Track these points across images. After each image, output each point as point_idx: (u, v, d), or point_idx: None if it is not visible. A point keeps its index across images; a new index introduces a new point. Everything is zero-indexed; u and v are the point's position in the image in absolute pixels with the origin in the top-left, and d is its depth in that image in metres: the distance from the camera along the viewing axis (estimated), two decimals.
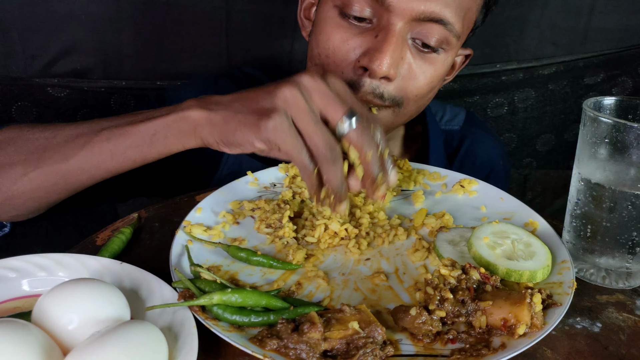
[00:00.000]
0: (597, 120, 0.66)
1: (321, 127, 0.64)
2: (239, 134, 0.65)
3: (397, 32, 0.80)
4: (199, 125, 0.68)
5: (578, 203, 0.70)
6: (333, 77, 0.67)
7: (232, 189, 0.83)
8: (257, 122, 0.63)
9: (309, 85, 0.64)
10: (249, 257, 0.68)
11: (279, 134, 0.62)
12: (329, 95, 0.65)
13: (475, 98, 1.53)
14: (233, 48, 1.27)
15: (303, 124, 0.63)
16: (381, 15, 0.81)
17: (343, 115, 0.64)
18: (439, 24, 0.82)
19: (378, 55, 0.80)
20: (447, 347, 0.56)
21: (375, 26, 0.83)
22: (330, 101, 0.64)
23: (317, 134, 0.63)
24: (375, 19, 0.82)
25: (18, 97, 1.17)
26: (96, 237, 0.74)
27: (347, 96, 0.66)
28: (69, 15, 1.13)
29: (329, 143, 0.63)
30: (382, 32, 0.81)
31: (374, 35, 0.82)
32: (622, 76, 1.59)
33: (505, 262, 0.65)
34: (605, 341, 0.60)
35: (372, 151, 0.65)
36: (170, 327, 0.54)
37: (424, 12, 0.80)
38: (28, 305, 0.57)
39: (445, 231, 0.73)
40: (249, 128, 0.64)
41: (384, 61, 0.80)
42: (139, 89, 1.24)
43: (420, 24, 0.81)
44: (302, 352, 0.52)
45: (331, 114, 0.64)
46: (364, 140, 0.65)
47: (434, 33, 0.82)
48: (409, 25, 0.81)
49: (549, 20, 1.47)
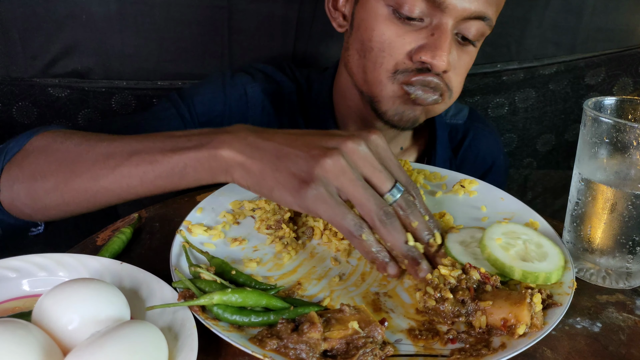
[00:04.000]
0: (597, 121, 0.66)
1: (372, 193, 0.63)
2: (277, 194, 0.63)
3: (450, 30, 0.87)
4: (231, 167, 0.66)
5: (578, 203, 0.70)
6: (377, 138, 0.66)
7: (233, 189, 0.83)
8: (297, 189, 0.61)
9: (354, 152, 0.63)
10: (237, 275, 0.65)
11: (319, 204, 0.61)
12: (375, 166, 0.64)
13: (476, 98, 1.53)
14: (235, 48, 1.27)
15: (351, 193, 0.62)
16: (434, 14, 0.87)
17: (391, 188, 0.64)
18: (480, 20, 0.88)
19: (439, 52, 0.86)
20: (447, 347, 0.56)
21: (427, 24, 0.88)
22: (376, 172, 0.64)
23: (370, 199, 0.62)
24: (428, 19, 0.88)
25: (19, 97, 1.17)
26: (96, 237, 0.74)
27: (390, 162, 0.66)
28: (70, 16, 1.13)
29: (382, 207, 0.62)
30: (437, 30, 0.87)
31: (429, 33, 0.87)
32: (622, 76, 1.59)
33: (521, 264, 0.64)
34: (605, 341, 0.60)
35: (419, 221, 0.66)
36: (170, 327, 0.54)
37: (474, 12, 0.86)
38: (28, 305, 0.57)
39: (456, 232, 0.72)
40: (288, 192, 0.62)
41: (443, 57, 0.86)
42: (140, 89, 1.24)
43: (466, 21, 0.88)
44: (302, 352, 0.52)
45: (377, 185, 0.64)
46: (409, 212, 0.65)
47: (475, 28, 0.89)
48: (457, 22, 0.88)
49: (550, 20, 1.47)
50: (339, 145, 0.63)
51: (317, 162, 0.61)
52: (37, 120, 1.19)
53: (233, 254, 0.70)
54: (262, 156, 0.65)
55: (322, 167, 0.61)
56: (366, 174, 0.64)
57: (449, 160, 1.14)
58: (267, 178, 0.64)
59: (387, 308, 0.62)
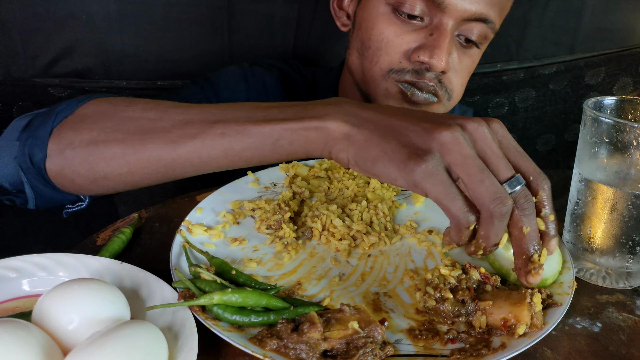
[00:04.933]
0: (597, 120, 0.66)
1: (489, 175, 0.54)
2: (381, 166, 0.57)
3: (450, 30, 0.86)
4: (333, 140, 0.60)
5: (578, 203, 0.70)
6: (499, 125, 0.59)
7: (233, 189, 0.83)
8: (406, 162, 0.55)
9: (474, 131, 0.56)
10: (237, 275, 0.65)
11: (430, 180, 0.54)
12: (495, 150, 0.56)
13: (476, 98, 1.53)
14: (235, 48, 1.27)
15: (465, 170, 0.54)
16: (434, 14, 0.87)
17: (510, 178, 0.56)
18: (483, 22, 0.88)
19: (437, 52, 0.85)
20: (447, 347, 0.56)
21: (427, 24, 0.88)
22: (495, 156, 0.56)
23: (485, 182, 0.54)
24: (428, 18, 0.88)
25: (19, 98, 1.17)
26: (96, 237, 0.74)
27: (514, 150, 0.59)
28: (70, 16, 1.13)
29: (500, 195, 0.54)
30: (436, 30, 0.86)
31: (428, 33, 0.87)
32: (622, 76, 1.59)
33: None
34: (605, 341, 0.60)
35: (532, 228, 0.57)
36: (170, 327, 0.54)
37: (475, 13, 0.86)
38: (28, 305, 0.57)
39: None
40: (394, 165, 0.56)
41: (442, 58, 0.85)
42: (140, 89, 1.24)
43: (467, 22, 0.87)
44: (302, 352, 0.52)
45: (494, 171, 0.55)
46: (526, 212, 0.56)
47: (477, 30, 0.89)
48: (458, 23, 0.87)
49: (550, 20, 1.47)
50: (457, 122, 0.57)
51: (432, 135, 0.55)
52: None
53: (233, 254, 0.70)
54: (373, 125, 0.59)
55: (438, 140, 0.55)
56: (485, 157, 0.56)
57: None
58: (372, 148, 0.57)
59: (387, 308, 0.62)
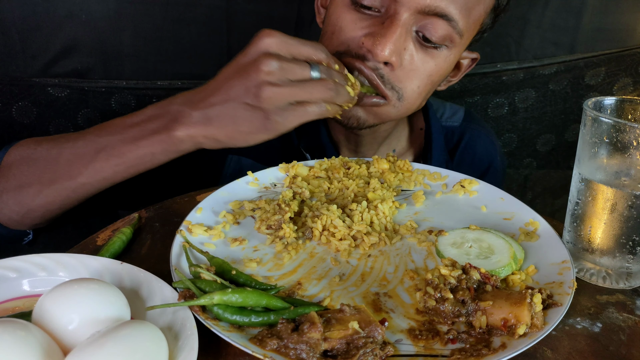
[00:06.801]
0: (597, 121, 0.66)
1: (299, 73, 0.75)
2: (252, 141, 0.77)
3: (402, 21, 0.84)
4: (195, 141, 0.77)
5: (578, 203, 0.70)
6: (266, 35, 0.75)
7: (233, 189, 0.83)
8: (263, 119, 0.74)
9: (273, 43, 0.75)
10: (237, 275, 0.64)
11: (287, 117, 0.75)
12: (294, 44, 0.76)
13: (476, 98, 1.53)
14: (233, 48, 1.27)
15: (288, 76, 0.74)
16: (389, 5, 0.85)
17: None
18: (443, 19, 0.85)
19: (381, 40, 0.84)
20: (447, 347, 0.56)
21: (382, 15, 0.87)
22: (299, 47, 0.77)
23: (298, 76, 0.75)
24: (384, 9, 0.86)
25: (18, 97, 1.17)
26: (96, 237, 0.74)
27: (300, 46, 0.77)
28: (69, 15, 1.13)
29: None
30: (388, 20, 0.85)
31: (380, 22, 0.86)
32: (622, 76, 1.59)
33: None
34: (605, 341, 0.60)
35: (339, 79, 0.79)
36: (170, 327, 0.54)
37: (429, 6, 0.83)
38: (28, 305, 0.57)
39: (445, 234, 0.73)
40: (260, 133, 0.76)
41: (386, 46, 0.84)
42: (139, 89, 1.24)
43: (425, 17, 0.85)
44: (302, 352, 0.52)
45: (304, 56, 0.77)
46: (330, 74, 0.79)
47: (437, 28, 0.86)
48: (415, 17, 0.85)
49: (549, 20, 1.47)
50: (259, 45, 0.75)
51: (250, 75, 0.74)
52: (37, 120, 1.19)
53: (233, 254, 0.70)
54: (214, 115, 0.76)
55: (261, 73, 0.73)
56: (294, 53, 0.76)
57: (445, 163, 1.13)
58: (236, 138, 0.76)
59: (387, 308, 0.62)
